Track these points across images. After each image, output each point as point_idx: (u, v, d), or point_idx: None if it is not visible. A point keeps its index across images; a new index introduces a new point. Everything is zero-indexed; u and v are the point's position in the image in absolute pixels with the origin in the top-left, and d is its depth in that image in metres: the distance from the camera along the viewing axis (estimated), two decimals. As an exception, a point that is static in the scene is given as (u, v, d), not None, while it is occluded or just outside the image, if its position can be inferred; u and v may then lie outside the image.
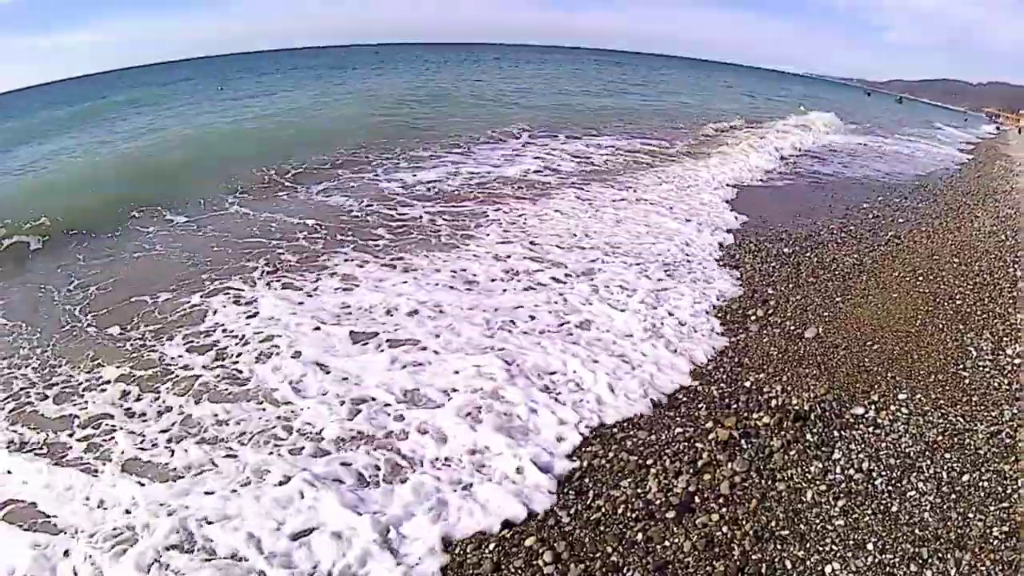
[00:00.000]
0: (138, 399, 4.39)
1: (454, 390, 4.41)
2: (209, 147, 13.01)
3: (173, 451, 3.84)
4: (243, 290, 6.06)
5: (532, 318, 5.53)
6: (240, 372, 4.69)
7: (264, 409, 4.23)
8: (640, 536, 3.14)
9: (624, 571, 2.96)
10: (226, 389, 4.47)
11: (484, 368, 4.66)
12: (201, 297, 5.91)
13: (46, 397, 4.45)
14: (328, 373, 4.65)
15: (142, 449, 3.88)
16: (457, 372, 4.63)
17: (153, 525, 3.22)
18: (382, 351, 4.95)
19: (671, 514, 3.26)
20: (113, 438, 3.98)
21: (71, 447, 3.94)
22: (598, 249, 7.31)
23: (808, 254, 7.34)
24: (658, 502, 3.36)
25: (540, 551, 3.05)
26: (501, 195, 9.71)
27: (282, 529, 3.20)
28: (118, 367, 4.76)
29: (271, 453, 3.78)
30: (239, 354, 4.93)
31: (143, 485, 3.55)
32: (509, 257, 6.94)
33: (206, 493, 3.46)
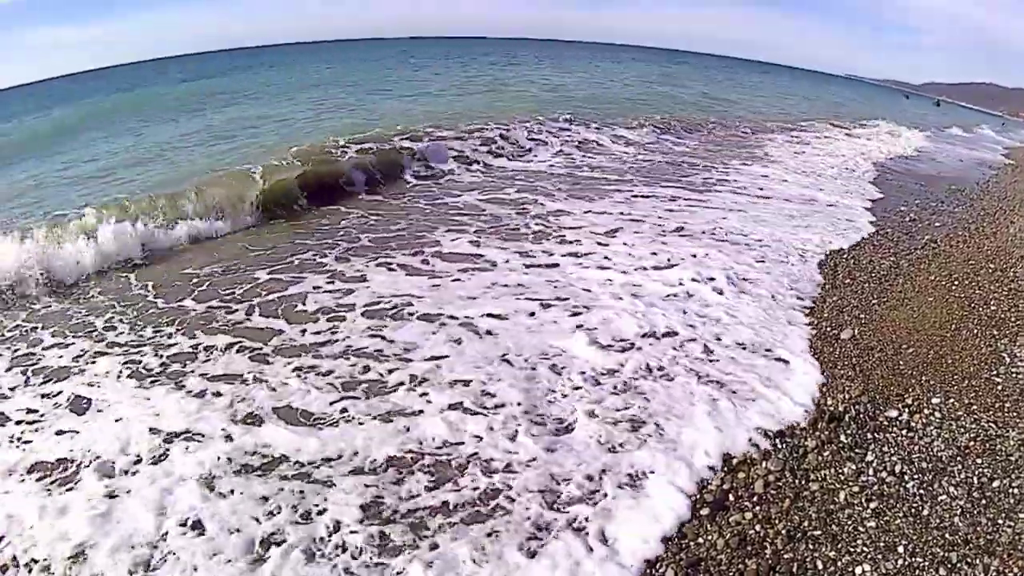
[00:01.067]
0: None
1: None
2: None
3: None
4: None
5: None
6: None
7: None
8: (674, 532, 3.24)
9: (657, 567, 3.05)
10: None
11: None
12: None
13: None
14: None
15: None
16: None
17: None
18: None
19: (705, 511, 3.37)
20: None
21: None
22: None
23: (844, 256, 7.33)
24: (692, 499, 3.47)
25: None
26: (563, 190, 10.07)
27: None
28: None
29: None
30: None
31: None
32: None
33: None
